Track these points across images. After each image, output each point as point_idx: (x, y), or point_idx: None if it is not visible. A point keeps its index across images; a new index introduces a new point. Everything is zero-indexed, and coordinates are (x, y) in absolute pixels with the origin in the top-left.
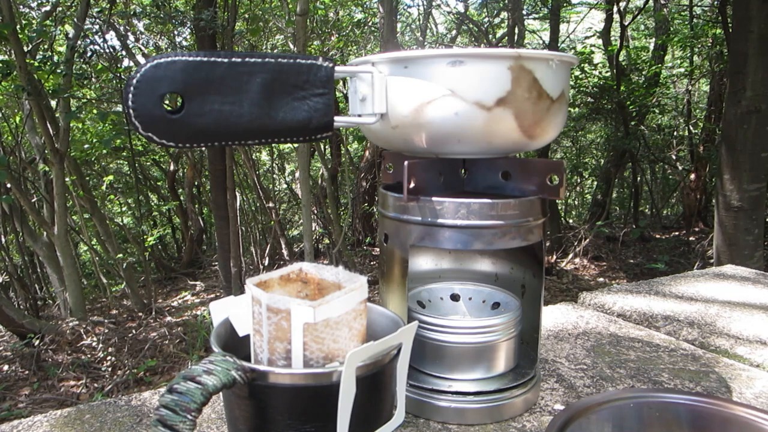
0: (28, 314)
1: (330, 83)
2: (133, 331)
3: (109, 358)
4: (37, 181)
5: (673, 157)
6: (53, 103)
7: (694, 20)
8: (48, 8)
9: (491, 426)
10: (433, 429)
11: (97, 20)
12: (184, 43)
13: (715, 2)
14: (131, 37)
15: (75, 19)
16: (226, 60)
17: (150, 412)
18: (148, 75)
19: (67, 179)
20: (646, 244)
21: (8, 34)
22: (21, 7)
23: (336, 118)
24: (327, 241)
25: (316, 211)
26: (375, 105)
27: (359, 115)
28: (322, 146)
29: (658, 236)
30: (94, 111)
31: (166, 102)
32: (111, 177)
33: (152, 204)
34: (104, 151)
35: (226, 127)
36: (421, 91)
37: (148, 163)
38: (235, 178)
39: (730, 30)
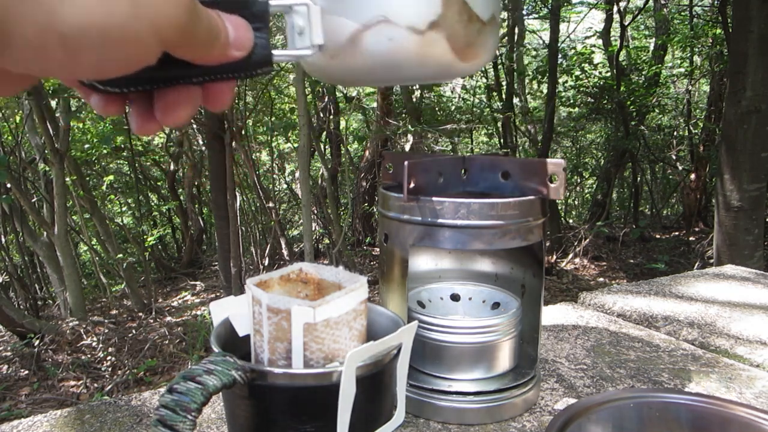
0: (28, 314)
1: (266, 17)
2: (133, 331)
3: (109, 358)
4: (37, 181)
5: (673, 157)
6: (53, 103)
7: (694, 20)
8: None
9: (491, 426)
10: (433, 429)
11: None
12: None
13: (715, 2)
14: None
15: None
16: None
17: (150, 412)
18: None
19: (67, 179)
20: (646, 244)
21: None
22: None
23: (274, 51)
24: (327, 241)
25: (316, 211)
26: (313, 37)
27: (298, 49)
28: (322, 146)
29: (658, 236)
30: (95, 111)
31: None
32: (111, 177)
33: (152, 204)
34: (104, 151)
35: (165, 65)
36: (356, 19)
37: (148, 163)
38: (235, 178)
39: (730, 30)
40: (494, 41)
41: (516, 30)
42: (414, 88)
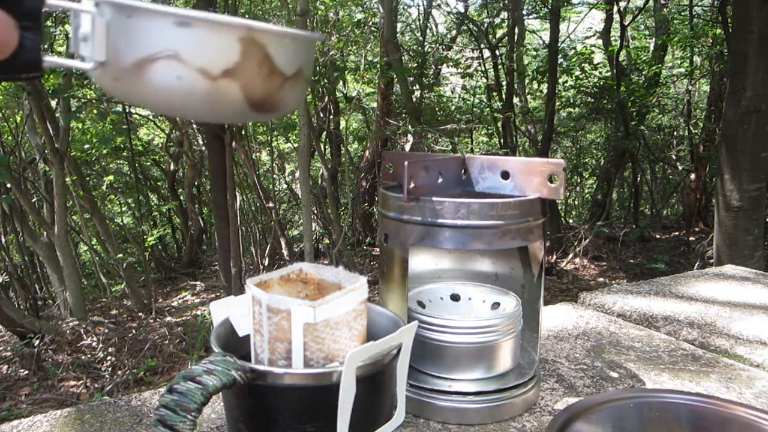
0: (28, 314)
1: (38, 16)
2: (133, 331)
3: (109, 358)
4: (37, 181)
5: (673, 157)
6: (53, 103)
7: (694, 20)
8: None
9: (491, 426)
10: (433, 429)
11: None
12: None
13: (715, 2)
14: None
15: None
16: None
17: (150, 412)
18: None
19: (67, 179)
20: (646, 244)
21: None
22: None
23: (47, 57)
24: (327, 241)
25: (316, 211)
26: (94, 51)
27: (81, 58)
28: (322, 146)
29: (658, 236)
30: (94, 111)
31: None
32: (111, 177)
33: (152, 204)
34: (104, 151)
35: None
36: (143, 47)
37: (148, 163)
38: (235, 178)
39: (730, 30)
40: (298, 94)
41: (516, 30)
42: (414, 88)
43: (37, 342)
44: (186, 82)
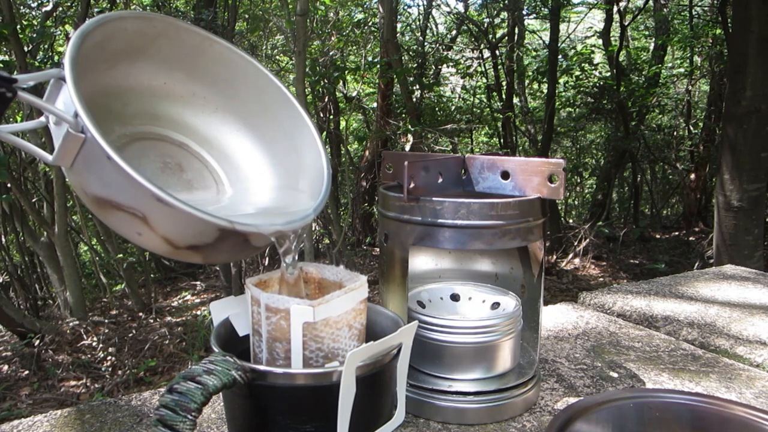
0: (28, 314)
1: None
2: (133, 331)
3: (109, 358)
4: (37, 181)
5: (673, 157)
6: None
7: (694, 20)
8: (49, 8)
9: (491, 426)
10: (433, 429)
11: None
12: None
13: (715, 2)
14: None
15: (75, 20)
16: None
17: (150, 412)
18: None
19: (67, 179)
20: (646, 244)
21: (8, 34)
22: (21, 7)
23: (5, 126)
24: (327, 241)
25: None
26: (59, 155)
27: (48, 145)
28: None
29: (658, 236)
30: None
31: None
32: None
33: None
34: None
35: None
36: (114, 192)
37: None
38: None
39: (730, 30)
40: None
41: (516, 30)
42: (414, 88)
43: (37, 342)
44: (146, 240)
